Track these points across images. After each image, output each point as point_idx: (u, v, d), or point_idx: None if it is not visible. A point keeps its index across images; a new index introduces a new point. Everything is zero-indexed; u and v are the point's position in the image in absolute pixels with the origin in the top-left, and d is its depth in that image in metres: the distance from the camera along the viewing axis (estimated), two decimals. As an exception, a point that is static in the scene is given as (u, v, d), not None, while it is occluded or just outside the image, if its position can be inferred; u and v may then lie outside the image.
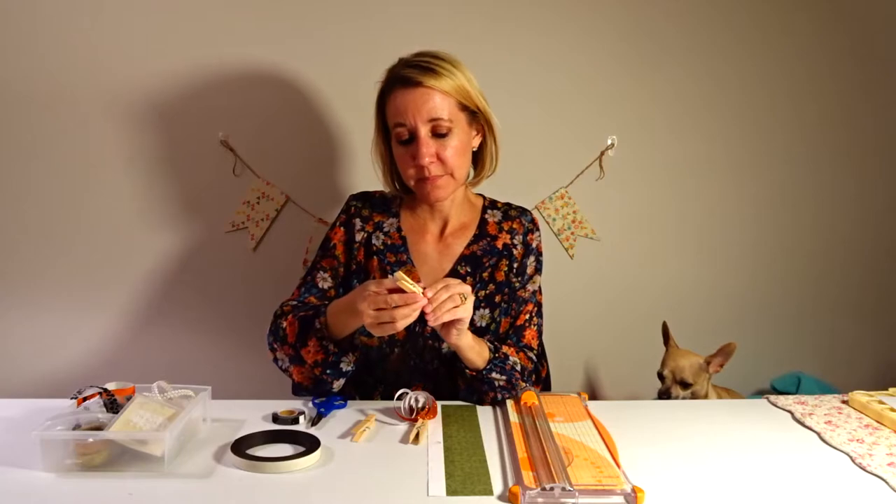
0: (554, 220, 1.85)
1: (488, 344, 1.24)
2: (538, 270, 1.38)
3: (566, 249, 1.86)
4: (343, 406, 1.19)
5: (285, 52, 1.73)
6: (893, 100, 1.88)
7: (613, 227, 1.87)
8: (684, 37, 1.81)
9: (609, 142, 1.83)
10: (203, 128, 1.75)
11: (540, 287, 1.39)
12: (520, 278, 1.35)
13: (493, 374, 1.21)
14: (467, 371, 1.21)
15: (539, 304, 1.38)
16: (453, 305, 1.07)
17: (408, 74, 1.22)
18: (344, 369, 1.21)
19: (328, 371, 1.20)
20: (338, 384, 1.22)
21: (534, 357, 1.32)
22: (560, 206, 1.84)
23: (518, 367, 1.25)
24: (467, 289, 1.10)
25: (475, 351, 1.19)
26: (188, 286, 1.81)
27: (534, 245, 1.37)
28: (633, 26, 1.79)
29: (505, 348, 1.27)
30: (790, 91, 1.86)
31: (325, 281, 1.33)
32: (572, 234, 1.86)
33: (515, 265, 1.35)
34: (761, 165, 1.88)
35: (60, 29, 1.69)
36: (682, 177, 1.87)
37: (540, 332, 1.37)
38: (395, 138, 1.26)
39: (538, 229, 1.41)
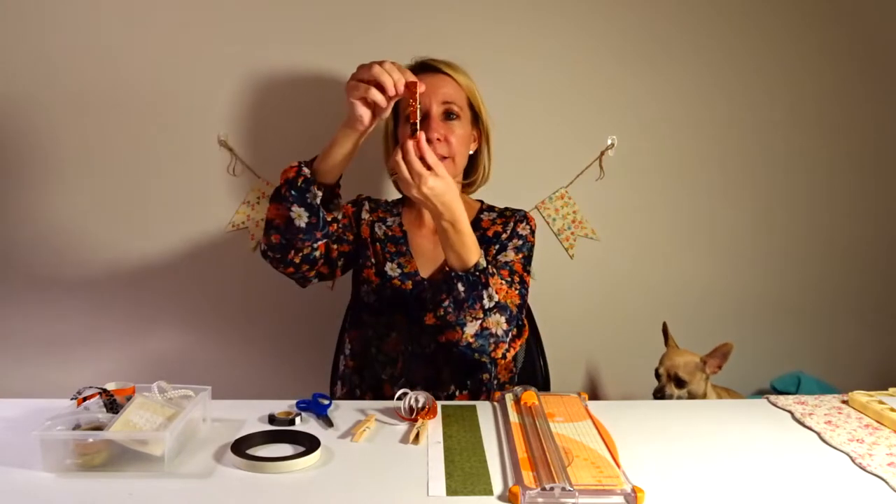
0: (554, 220, 1.85)
1: (480, 259, 1.18)
2: (518, 250, 1.36)
3: (566, 249, 1.86)
4: (329, 406, 1.18)
5: (285, 52, 1.73)
6: (893, 101, 1.89)
7: (613, 227, 1.87)
8: (685, 37, 1.81)
9: (609, 142, 1.83)
10: (203, 128, 1.75)
11: (525, 269, 1.35)
12: (498, 252, 1.36)
13: (459, 284, 1.17)
14: (445, 266, 1.20)
15: (520, 276, 1.33)
16: (406, 173, 1.09)
17: (431, 62, 1.37)
18: (308, 200, 1.18)
19: (292, 191, 1.18)
20: (297, 211, 1.18)
21: (517, 307, 1.27)
22: (560, 206, 1.84)
23: (487, 303, 1.18)
24: (435, 184, 1.10)
25: (453, 250, 1.16)
26: (188, 286, 1.81)
27: (521, 232, 1.39)
28: (634, 26, 1.79)
29: (495, 280, 1.21)
30: (790, 91, 1.86)
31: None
32: (572, 234, 1.86)
33: (497, 245, 1.37)
34: (761, 165, 1.89)
35: (60, 29, 1.69)
36: (681, 177, 1.87)
37: (522, 299, 1.32)
38: (404, 119, 1.34)
39: (529, 224, 1.41)
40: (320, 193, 1.20)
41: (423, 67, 1.36)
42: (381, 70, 1.09)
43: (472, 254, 1.18)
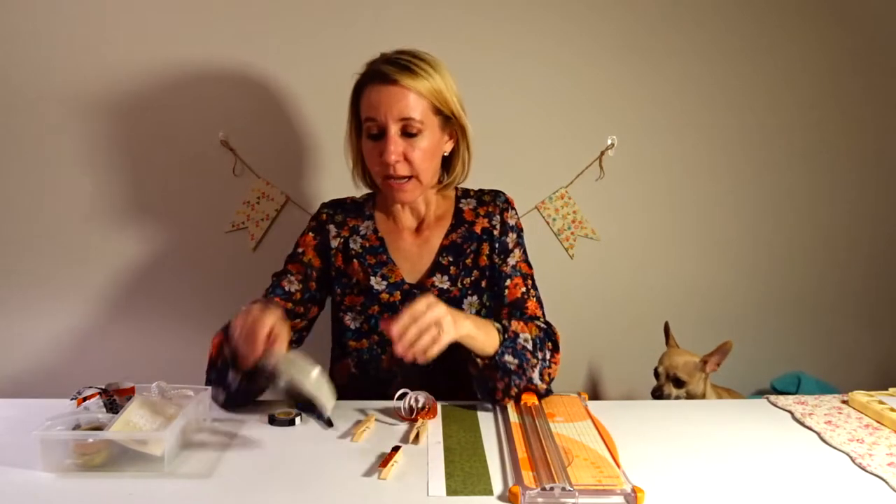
0: (554, 220, 1.85)
1: (495, 325, 1.16)
2: (519, 245, 1.35)
3: (566, 249, 1.86)
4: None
5: (286, 52, 1.73)
6: (894, 101, 1.88)
7: (613, 227, 1.87)
8: (685, 37, 1.81)
9: (609, 142, 1.83)
10: (203, 128, 1.75)
11: (528, 262, 1.35)
12: (503, 256, 1.33)
13: (506, 357, 1.14)
14: (478, 360, 1.14)
15: (531, 276, 1.34)
16: (431, 338, 1.01)
17: (385, 70, 1.20)
18: (228, 380, 1.13)
19: (213, 374, 1.17)
20: (215, 393, 1.14)
21: (542, 325, 1.26)
22: (560, 206, 1.84)
23: (529, 345, 1.17)
24: (438, 312, 1.02)
25: (480, 339, 1.11)
26: (188, 286, 1.81)
27: (511, 222, 1.35)
28: (634, 26, 1.79)
29: (514, 324, 1.19)
30: (790, 91, 1.86)
31: (291, 284, 1.31)
32: (572, 234, 1.86)
33: (497, 245, 1.33)
34: (761, 165, 1.89)
35: (61, 29, 1.69)
36: (681, 177, 1.87)
37: (540, 303, 1.33)
38: (364, 132, 1.25)
39: (514, 208, 1.38)
40: (244, 382, 1.12)
41: (380, 77, 1.21)
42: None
43: (493, 331, 1.14)
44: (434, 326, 1.02)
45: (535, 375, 1.18)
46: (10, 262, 1.78)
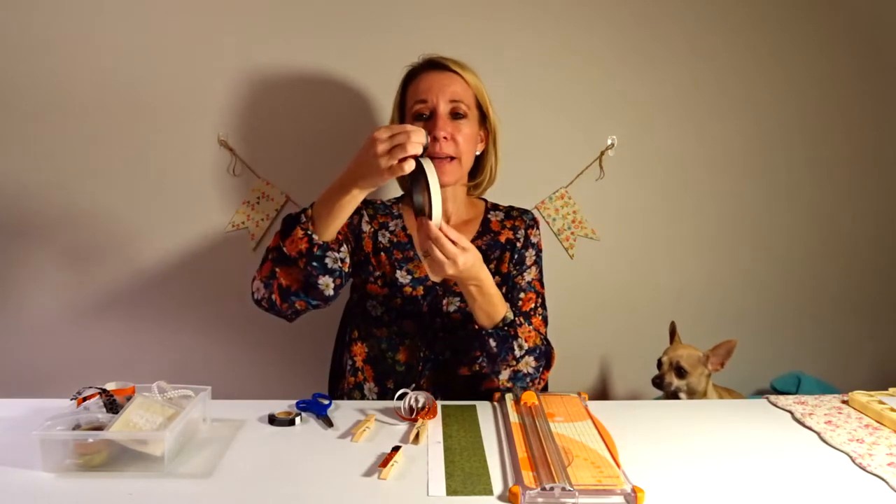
0: (554, 220, 1.85)
1: (507, 313, 1.22)
2: (537, 263, 1.40)
3: (566, 249, 1.86)
4: (329, 406, 1.18)
5: (286, 51, 1.73)
6: (894, 101, 1.88)
7: (613, 227, 1.87)
8: (685, 37, 1.81)
9: (609, 142, 1.83)
10: (203, 128, 1.75)
11: (542, 281, 1.40)
12: (519, 267, 1.37)
13: (490, 341, 1.21)
14: (474, 324, 1.22)
15: (542, 296, 1.39)
16: (438, 262, 1.09)
17: (440, 60, 1.34)
18: (329, 265, 1.18)
19: (313, 263, 1.17)
20: (324, 281, 1.19)
21: (544, 342, 1.30)
22: (560, 206, 1.84)
23: (518, 353, 1.23)
24: (465, 257, 1.09)
25: (481, 300, 1.18)
26: (188, 286, 1.81)
27: (534, 240, 1.41)
28: (634, 26, 1.79)
29: (523, 329, 1.25)
30: (790, 91, 1.86)
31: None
32: (572, 234, 1.86)
33: (516, 256, 1.38)
34: (761, 165, 1.89)
35: (61, 28, 1.69)
36: (681, 177, 1.87)
37: (546, 322, 1.38)
38: (412, 117, 1.32)
39: (538, 228, 1.44)
40: (340, 255, 1.21)
41: (432, 65, 1.34)
42: (414, 143, 1.05)
43: (500, 309, 1.21)
44: (453, 257, 1.08)
45: (503, 371, 1.24)
46: (10, 261, 1.77)
